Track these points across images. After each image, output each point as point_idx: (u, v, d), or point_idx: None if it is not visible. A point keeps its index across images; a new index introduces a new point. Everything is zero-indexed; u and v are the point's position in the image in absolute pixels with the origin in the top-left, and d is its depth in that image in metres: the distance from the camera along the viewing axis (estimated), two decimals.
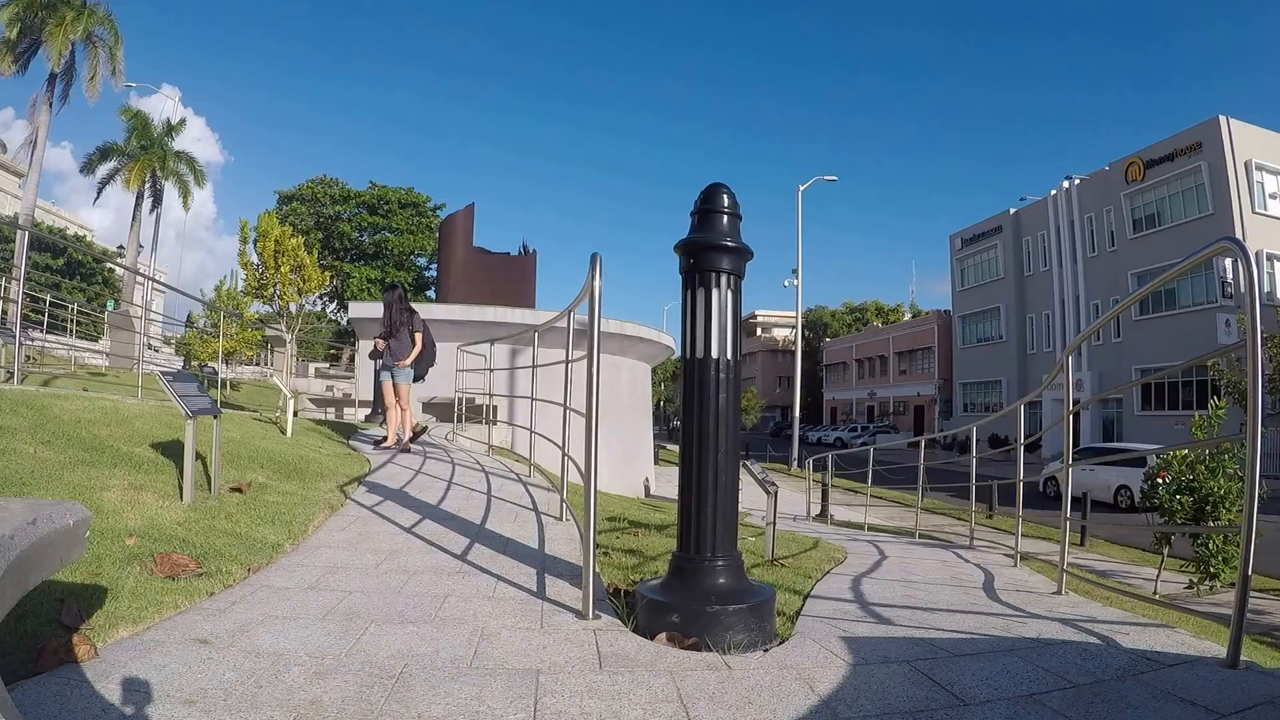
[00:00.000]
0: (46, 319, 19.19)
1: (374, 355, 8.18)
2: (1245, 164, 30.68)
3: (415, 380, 8.28)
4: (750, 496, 6.23)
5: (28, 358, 12.76)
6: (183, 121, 34.61)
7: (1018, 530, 5.35)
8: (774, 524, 4.96)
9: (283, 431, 7.20)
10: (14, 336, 7.92)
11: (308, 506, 4.45)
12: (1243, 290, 3.48)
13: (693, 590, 2.63)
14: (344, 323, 36.61)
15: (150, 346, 19.68)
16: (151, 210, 34.85)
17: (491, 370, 8.91)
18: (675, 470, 3.00)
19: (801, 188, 34.90)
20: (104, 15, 27.53)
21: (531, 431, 6.65)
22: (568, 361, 4.80)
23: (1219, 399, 7.79)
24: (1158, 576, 7.23)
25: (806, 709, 2.02)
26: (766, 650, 2.53)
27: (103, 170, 32.45)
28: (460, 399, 10.20)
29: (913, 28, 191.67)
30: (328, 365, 31.89)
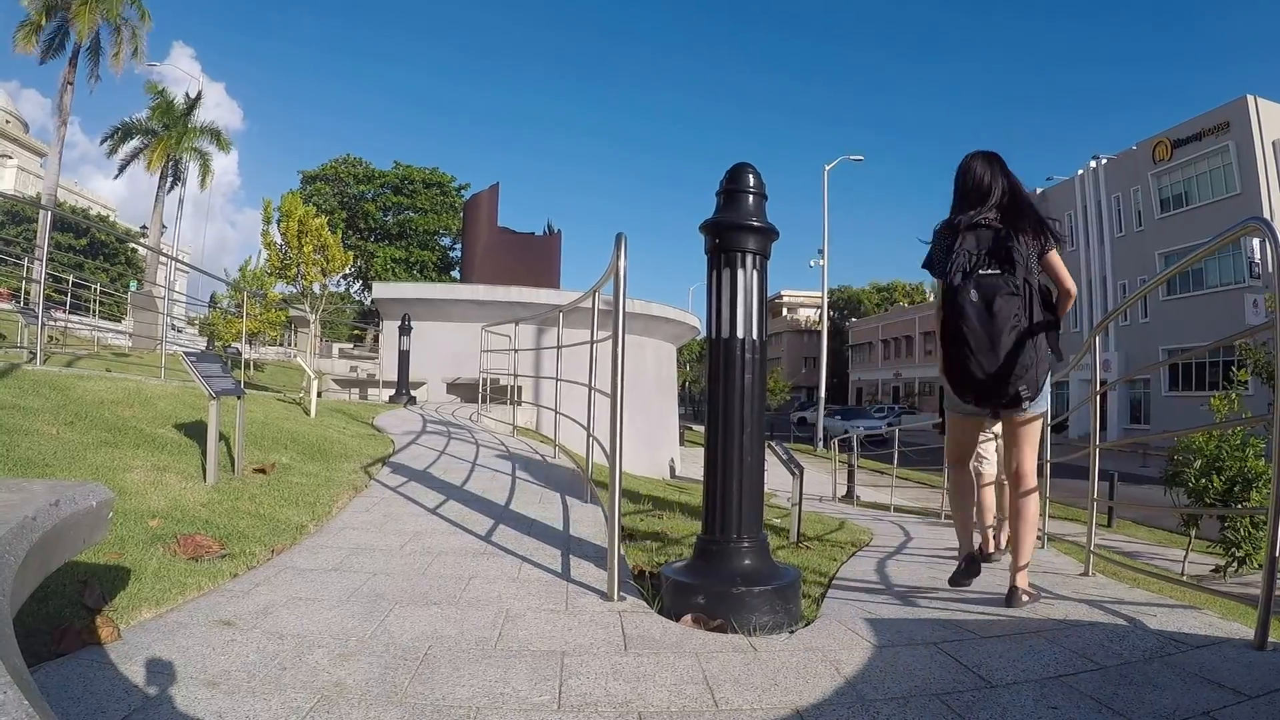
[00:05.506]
0: (69, 299, 19.42)
1: None
2: (1274, 143, 30.08)
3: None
4: (776, 478, 6.20)
5: (50, 338, 12.94)
6: (200, 95, 34.34)
7: (1044, 511, 5.27)
8: (800, 505, 4.93)
9: (306, 412, 7.24)
10: (37, 317, 7.98)
11: (331, 488, 4.46)
12: (1270, 270, 3.36)
13: (718, 572, 2.61)
14: (368, 303, 36.78)
15: (174, 327, 19.87)
16: (171, 188, 34.91)
17: (516, 351, 8.90)
18: (700, 451, 2.97)
19: (828, 167, 34.61)
20: None
21: (556, 413, 6.63)
22: (592, 342, 4.77)
23: (1236, 369, 7.64)
24: (1185, 558, 7.12)
25: (832, 691, 1.99)
26: (792, 632, 2.50)
27: (125, 149, 32.58)
28: (485, 380, 10.22)
29: (940, 9, 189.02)
30: (351, 346, 32.02)
